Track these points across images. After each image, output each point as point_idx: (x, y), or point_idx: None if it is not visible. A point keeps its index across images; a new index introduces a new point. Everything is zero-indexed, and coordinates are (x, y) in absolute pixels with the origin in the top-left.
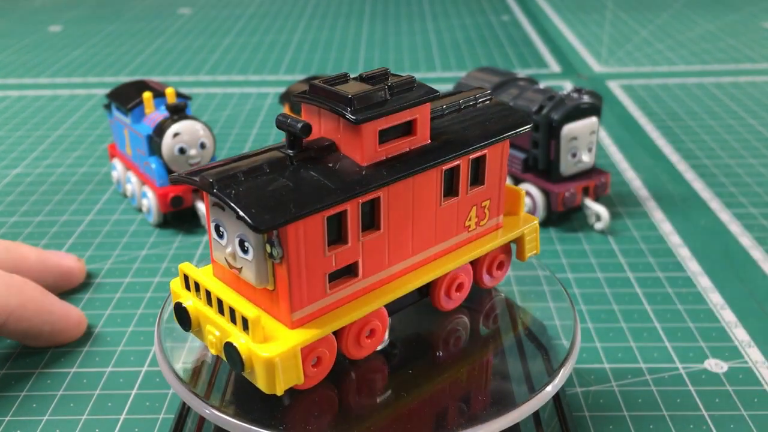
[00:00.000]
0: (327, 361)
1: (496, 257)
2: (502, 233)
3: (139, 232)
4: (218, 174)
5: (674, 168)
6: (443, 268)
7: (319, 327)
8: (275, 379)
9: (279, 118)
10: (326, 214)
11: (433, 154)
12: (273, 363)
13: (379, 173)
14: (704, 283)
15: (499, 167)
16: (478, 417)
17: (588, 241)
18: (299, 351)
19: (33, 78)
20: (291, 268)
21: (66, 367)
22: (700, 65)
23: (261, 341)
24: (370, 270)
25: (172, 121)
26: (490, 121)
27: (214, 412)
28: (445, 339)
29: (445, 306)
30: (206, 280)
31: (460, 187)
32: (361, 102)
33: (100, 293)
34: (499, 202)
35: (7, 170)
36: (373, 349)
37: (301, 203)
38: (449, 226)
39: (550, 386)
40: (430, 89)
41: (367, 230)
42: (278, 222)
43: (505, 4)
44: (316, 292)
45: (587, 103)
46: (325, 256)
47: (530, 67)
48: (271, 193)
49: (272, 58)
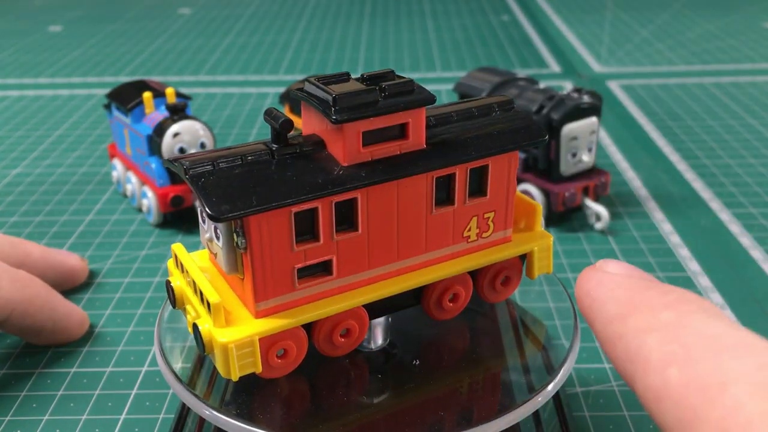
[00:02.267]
0: (294, 355)
1: (501, 271)
2: (506, 247)
3: (139, 232)
4: (197, 161)
5: (674, 168)
6: (432, 275)
7: (284, 319)
8: (230, 365)
9: (265, 112)
10: (293, 209)
11: (424, 160)
12: (228, 349)
13: (357, 175)
14: (704, 283)
15: (506, 179)
16: (478, 417)
17: (588, 241)
18: (257, 340)
19: (33, 78)
20: (254, 259)
21: (66, 367)
22: (700, 65)
23: (222, 326)
24: (346, 270)
25: (172, 121)
26: (500, 131)
27: (213, 413)
28: (445, 339)
29: (437, 315)
30: (190, 262)
31: (456, 196)
32: (344, 102)
33: (101, 293)
34: (506, 215)
35: (7, 170)
36: (349, 349)
37: (264, 196)
38: (443, 235)
39: (550, 386)
40: (427, 96)
41: (344, 230)
42: (235, 213)
43: (505, 4)
44: (283, 285)
45: (587, 103)
46: (293, 251)
47: (530, 67)
48: (239, 183)
49: (272, 58)
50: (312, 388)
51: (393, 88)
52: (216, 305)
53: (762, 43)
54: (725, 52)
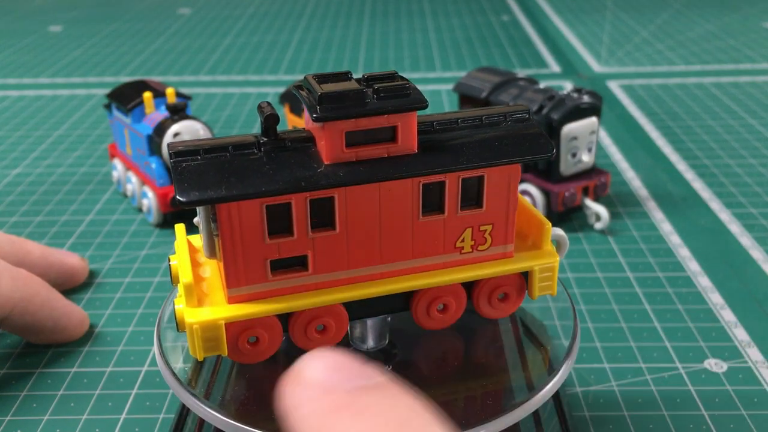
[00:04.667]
0: (266, 344)
1: (498, 287)
2: (504, 263)
3: (140, 232)
4: (187, 147)
5: (674, 168)
6: (418, 282)
7: (255, 308)
8: (196, 345)
9: (258, 106)
10: (265, 202)
11: (410, 165)
12: (192, 329)
13: (335, 174)
14: (704, 282)
15: (506, 192)
16: (477, 416)
17: (588, 241)
18: (222, 324)
19: (33, 78)
20: (225, 247)
21: (66, 367)
22: (700, 65)
23: (194, 306)
24: (323, 267)
25: (172, 121)
26: (503, 142)
27: (212, 413)
28: (445, 338)
29: (425, 324)
30: (182, 243)
31: (446, 205)
32: (329, 101)
33: (101, 293)
34: (507, 229)
35: (7, 170)
36: (326, 345)
37: (235, 187)
38: (432, 243)
39: (549, 384)
40: (417, 100)
41: (321, 228)
42: (202, 199)
43: (505, 4)
44: (255, 275)
45: (587, 103)
46: (265, 243)
47: (530, 67)
48: (216, 172)
49: (272, 58)
50: None
51: (385, 90)
52: (188, 285)
53: (762, 43)
54: (725, 52)
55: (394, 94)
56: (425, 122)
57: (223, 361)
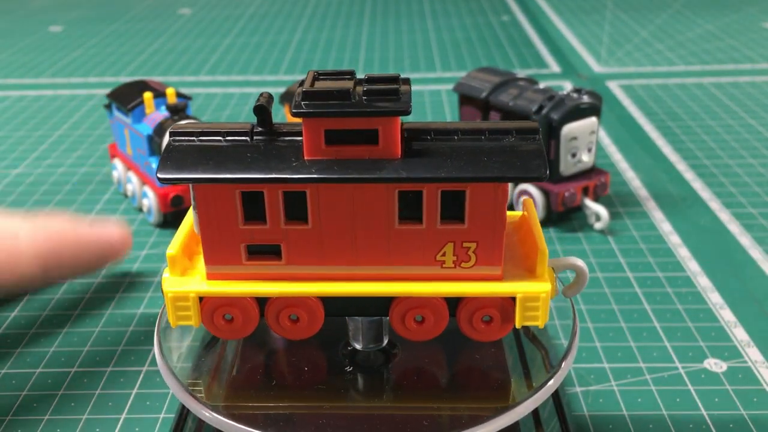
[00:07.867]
0: (240, 323)
1: (480, 309)
2: (487, 285)
3: (140, 232)
4: (186, 129)
5: (674, 168)
6: (392, 289)
7: (228, 287)
8: (169, 313)
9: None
10: (239, 188)
11: (385, 170)
12: (167, 297)
13: (308, 170)
14: (704, 282)
15: (491, 211)
16: (477, 416)
17: (588, 241)
18: (195, 297)
19: (33, 78)
20: (201, 225)
21: (66, 367)
22: (700, 65)
23: (176, 276)
24: (296, 259)
25: (172, 121)
26: (492, 158)
27: (212, 414)
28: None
29: (402, 332)
30: (188, 218)
31: (424, 215)
32: (311, 98)
33: (101, 293)
34: (493, 250)
35: (7, 170)
36: (297, 335)
37: (210, 170)
38: (409, 252)
39: (549, 384)
40: (401, 105)
41: (294, 220)
42: (177, 178)
43: (505, 4)
44: (231, 257)
45: (587, 103)
46: (240, 227)
47: (530, 67)
48: (199, 154)
49: (272, 58)
50: (311, 388)
51: (372, 93)
52: (171, 257)
53: (762, 43)
54: (725, 53)
55: (380, 98)
56: (424, 129)
57: (224, 362)
